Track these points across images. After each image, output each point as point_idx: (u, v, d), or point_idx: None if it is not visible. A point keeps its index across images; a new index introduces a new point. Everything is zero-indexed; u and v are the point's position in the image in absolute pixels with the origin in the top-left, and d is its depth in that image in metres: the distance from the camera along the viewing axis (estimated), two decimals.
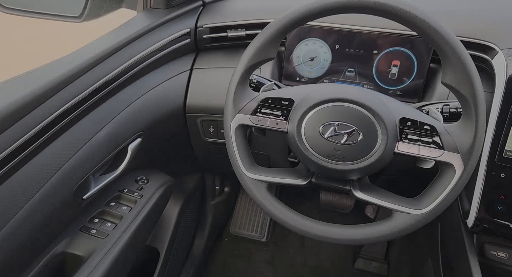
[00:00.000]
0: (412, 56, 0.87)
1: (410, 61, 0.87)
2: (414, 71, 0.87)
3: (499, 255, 0.85)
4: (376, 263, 1.48)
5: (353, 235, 0.65)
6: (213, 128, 0.96)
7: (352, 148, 0.63)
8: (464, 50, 0.58)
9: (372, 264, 1.48)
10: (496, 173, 0.74)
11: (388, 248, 1.51)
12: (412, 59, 0.87)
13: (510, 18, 0.82)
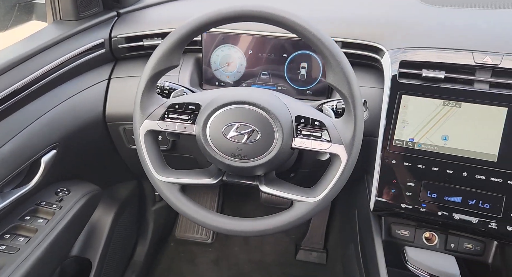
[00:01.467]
0: (318, 58, 0.94)
1: (316, 63, 0.95)
2: (320, 73, 0.95)
3: (403, 233, 0.95)
4: (316, 253, 1.56)
5: (261, 226, 0.70)
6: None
7: (252, 146, 0.68)
8: (341, 53, 0.65)
9: (312, 254, 1.56)
10: (388, 160, 0.84)
11: (327, 238, 1.60)
12: (317, 62, 0.95)
13: (396, 22, 0.92)
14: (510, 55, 0.78)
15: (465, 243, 0.91)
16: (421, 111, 0.81)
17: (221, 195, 1.71)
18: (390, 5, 0.98)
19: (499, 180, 0.77)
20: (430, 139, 0.81)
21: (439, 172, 0.81)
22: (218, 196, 1.70)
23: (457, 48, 0.82)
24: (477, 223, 0.78)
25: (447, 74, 0.80)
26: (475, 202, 0.79)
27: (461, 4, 0.95)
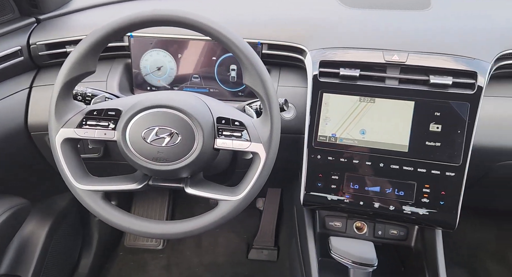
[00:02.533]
0: None
1: None
2: None
3: (336, 224, 1.00)
4: (267, 251, 1.59)
5: (187, 227, 0.71)
6: None
7: (173, 149, 0.69)
8: (255, 55, 0.68)
9: (263, 252, 1.59)
10: (314, 155, 0.88)
11: (277, 235, 1.64)
12: None
13: (318, 23, 0.96)
14: (415, 53, 0.85)
15: (391, 230, 0.98)
16: (340, 108, 0.86)
17: (171, 200, 1.70)
18: (313, 8, 1.03)
19: (411, 168, 0.83)
20: (350, 134, 0.86)
21: (359, 164, 0.86)
22: (168, 201, 1.69)
23: (370, 48, 0.88)
24: (393, 209, 0.84)
25: (361, 72, 0.85)
26: (391, 190, 0.85)
27: (375, 6, 1.01)
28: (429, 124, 0.82)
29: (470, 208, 1.56)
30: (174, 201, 1.72)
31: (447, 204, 0.82)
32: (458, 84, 0.81)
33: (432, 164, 0.82)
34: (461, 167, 0.81)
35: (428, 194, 0.82)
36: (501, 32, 0.89)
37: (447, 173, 0.81)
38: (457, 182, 0.81)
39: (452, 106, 0.81)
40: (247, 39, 0.95)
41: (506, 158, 0.88)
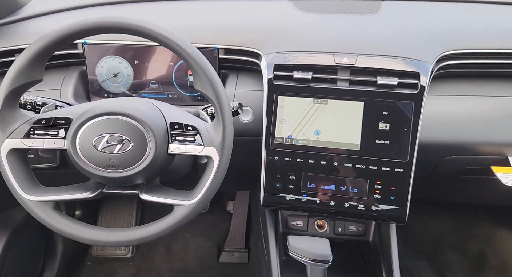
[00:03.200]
0: None
1: None
2: None
3: (297, 224, 1.02)
4: (238, 254, 1.60)
5: (141, 233, 0.71)
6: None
7: (125, 156, 0.69)
8: (204, 60, 0.69)
9: (234, 255, 1.60)
10: (272, 156, 0.90)
11: (248, 237, 1.65)
12: None
13: (273, 28, 0.99)
14: (363, 55, 0.88)
15: (350, 226, 1.01)
16: (295, 109, 0.89)
17: (139, 208, 1.68)
18: (270, 13, 1.05)
19: (363, 166, 0.87)
20: (305, 134, 0.89)
21: (315, 164, 0.88)
22: (137, 209, 1.67)
23: (321, 51, 0.91)
24: (348, 206, 0.88)
25: (314, 74, 0.88)
26: (346, 188, 0.88)
27: (328, 11, 1.05)
28: (378, 123, 0.86)
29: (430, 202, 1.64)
30: (143, 209, 1.70)
31: (397, 199, 0.86)
32: (403, 84, 0.85)
33: (382, 161, 0.86)
34: (409, 163, 0.85)
35: (380, 190, 0.86)
36: (442, 35, 0.94)
37: (396, 169, 0.85)
38: (405, 177, 0.85)
39: (398, 106, 0.85)
40: (204, 44, 0.97)
41: (452, 153, 0.93)
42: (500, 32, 0.95)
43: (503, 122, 0.91)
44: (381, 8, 1.05)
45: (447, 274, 1.48)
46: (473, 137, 0.91)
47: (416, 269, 1.48)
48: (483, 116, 0.92)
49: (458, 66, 0.93)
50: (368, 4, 1.09)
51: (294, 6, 1.06)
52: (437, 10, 1.06)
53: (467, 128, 0.91)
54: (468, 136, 0.91)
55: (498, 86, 0.95)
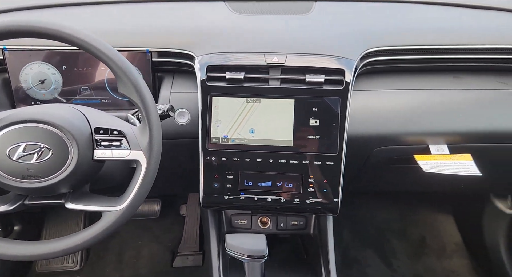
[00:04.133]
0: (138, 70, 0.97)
1: None
2: None
3: (241, 222, 1.04)
4: (192, 257, 1.59)
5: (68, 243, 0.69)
6: None
7: (44, 165, 0.66)
8: (126, 63, 0.68)
9: (188, 258, 1.59)
10: (209, 157, 0.91)
11: (202, 240, 1.64)
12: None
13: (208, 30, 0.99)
14: (292, 54, 0.91)
15: (291, 221, 1.04)
16: (229, 109, 0.90)
17: (87, 218, 1.62)
18: (205, 15, 1.06)
19: (296, 162, 0.90)
20: (241, 134, 0.91)
21: (251, 162, 0.90)
22: (84, 219, 1.61)
23: (253, 51, 0.93)
24: (284, 201, 0.90)
25: (246, 74, 0.90)
26: (282, 183, 0.90)
27: (263, 12, 1.07)
28: (309, 119, 0.89)
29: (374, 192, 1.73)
30: (91, 219, 1.64)
31: (329, 191, 0.90)
32: (329, 81, 0.89)
33: (314, 155, 0.89)
34: (339, 156, 0.89)
35: (313, 183, 0.90)
36: (367, 33, 1.00)
37: (327, 162, 0.89)
38: (336, 170, 0.89)
39: (326, 102, 0.89)
40: (136, 47, 0.96)
41: (380, 144, 0.99)
42: (418, 30, 1.02)
43: (424, 113, 0.98)
44: (312, 9, 1.09)
45: (393, 261, 1.56)
46: (398, 129, 0.97)
47: (364, 258, 1.56)
48: (406, 108, 0.98)
49: (382, 62, 0.98)
50: (300, 5, 1.13)
51: (229, 7, 1.08)
52: (364, 10, 1.12)
53: (392, 120, 0.97)
54: (393, 128, 0.97)
55: (420, 80, 1.02)
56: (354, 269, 1.51)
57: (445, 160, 0.95)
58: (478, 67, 1.00)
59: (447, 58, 0.98)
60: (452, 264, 1.53)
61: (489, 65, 1.00)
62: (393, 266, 1.53)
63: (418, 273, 1.50)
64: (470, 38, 0.99)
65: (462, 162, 0.94)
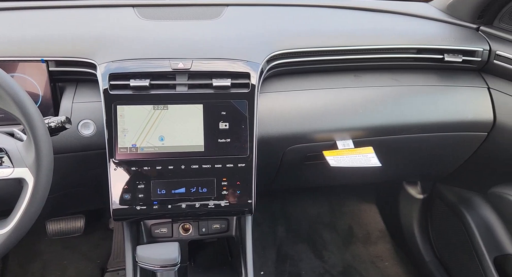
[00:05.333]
0: (32, 81, 0.91)
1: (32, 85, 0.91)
2: (40, 94, 0.92)
3: (162, 231, 1.02)
4: (123, 271, 1.53)
5: None
6: None
7: None
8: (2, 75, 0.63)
9: (119, 273, 1.52)
10: (117, 168, 0.88)
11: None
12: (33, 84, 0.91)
13: (113, 37, 0.96)
14: (198, 59, 0.92)
15: (213, 225, 1.04)
16: (136, 118, 0.88)
17: None
18: (109, 21, 1.03)
19: (209, 166, 0.90)
20: (150, 142, 0.89)
21: (163, 170, 0.89)
22: None
23: (158, 58, 0.92)
24: (199, 206, 0.90)
25: (152, 81, 0.88)
26: (195, 189, 0.90)
27: (171, 17, 1.06)
28: (218, 123, 0.90)
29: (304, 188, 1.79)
30: None
31: (242, 192, 0.91)
32: (236, 84, 0.91)
33: (226, 158, 0.91)
34: (250, 158, 0.91)
35: (227, 186, 0.91)
36: (273, 36, 1.03)
37: (239, 164, 0.91)
38: (248, 171, 0.91)
39: (234, 105, 0.91)
40: (29, 57, 0.90)
41: (292, 143, 1.03)
42: (322, 33, 1.08)
43: (330, 111, 1.03)
44: (222, 14, 1.10)
45: (324, 253, 1.63)
46: (307, 127, 1.02)
47: (297, 254, 1.61)
48: (314, 107, 1.03)
49: (289, 64, 1.02)
50: (212, 10, 1.14)
51: (137, 13, 1.06)
52: (273, 14, 1.16)
53: (301, 120, 1.02)
54: (302, 126, 1.02)
55: (325, 80, 1.07)
56: (288, 265, 1.56)
57: (350, 154, 1.01)
58: (375, 66, 1.09)
59: (348, 58, 1.05)
60: (377, 250, 1.64)
61: (384, 64, 1.08)
62: (324, 257, 1.60)
63: (347, 262, 1.59)
64: (368, 40, 1.07)
65: (365, 154, 1.02)
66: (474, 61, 1.05)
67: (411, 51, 1.07)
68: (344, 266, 1.57)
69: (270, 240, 1.64)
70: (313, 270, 1.53)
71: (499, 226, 1.15)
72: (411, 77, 1.08)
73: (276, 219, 1.74)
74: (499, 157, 1.07)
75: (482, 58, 1.04)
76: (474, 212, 1.22)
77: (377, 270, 1.54)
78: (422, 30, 1.13)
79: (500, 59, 1.01)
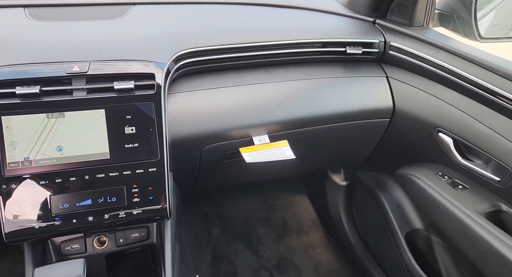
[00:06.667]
0: None
1: None
2: None
3: (73, 247, 0.94)
4: None
5: None
6: None
7: None
8: None
9: None
10: (8, 186, 0.79)
11: None
12: None
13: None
14: (96, 62, 0.86)
15: (132, 234, 0.99)
16: (27, 129, 0.80)
17: None
18: None
19: (116, 173, 0.85)
20: (46, 153, 0.81)
21: (64, 182, 0.82)
22: None
23: (50, 61, 0.84)
24: (109, 217, 0.85)
25: (43, 88, 0.81)
26: (103, 199, 0.85)
27: (66, 18, 0.99)
28: (124, 128, 0.86)
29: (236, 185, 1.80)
30: None
31: (156, 197, 0.88)
32: (140, 86, 0.87)
33: (135, 164, 0.86)
34: (161, 161, 0.88)
35: (138, 193, 0.86)
36: (180, 35, 1.00)
37: (150, 169, 0.87)
38: (160, 175, 0.88)
39: (140, 108, 0.87)
40: None
41: (209, 142, 1.01)
42: (230, 30, 1.07)
43: (244, 107, 1.04)
44: (126, 13, 1.05)
45: (259, 248, 1.65)
46: (222, 125, 1.01)
47: (232, 252, 1.61)
48: (227, 105, 1.02)
49: (198, 63, 1.01)
50: (114, 9, 1.07)
51: (27, 15, 0.96)
52: (180, 12, 1.13)
53: (216, 118, 1.00)
54: (217, 125, 1.00)
55: (237, 77, 1.07)
56: (224, 264, 1.55)
57: (265, 149, 1.03)
58: (286, 61, 1.11)
59: (258, 55, 1.06)
60: (310, 239, 1.70)
61: (294, 59, 1.11)
62: (260, 252, 1.62)
63: (282, 254, 1.62)
64: (277, 36, 1.08)
65: (280, 148, 1.04)
66: (373, 53, 1.12)
67: (317, 45, 1.11)
68: (278, 258, 1.60)
69: (205, 241, 1.62)
70: (248, 266, 1.54)
71: (407, 204, 1.24)
72: (318, 70, 1.12)
73: (209, 220, 1.72)
74: (401, 140, 1.15)
75: (379, 50, 1.12)
76: (387, 193, 1.31)
77: (310, 258, 1.60)
78: (326, 25, 1.19)
79: (394, 50, 1.10)
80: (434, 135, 1.03)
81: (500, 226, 0.88)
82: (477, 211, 0.90)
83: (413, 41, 1.06)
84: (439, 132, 1.02)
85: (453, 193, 0.97)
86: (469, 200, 0.94)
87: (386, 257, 1.35)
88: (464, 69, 0.93)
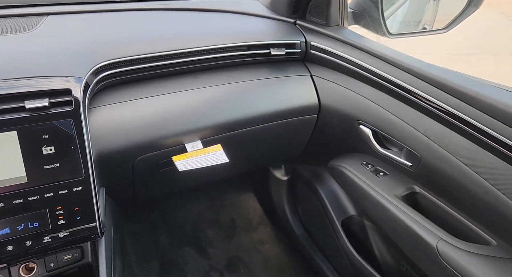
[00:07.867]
0: None
1: None
2: None
3: None
4: None
5: None
6: None
7: None
8: None
9: None
10: None
11: None
12: None
13: None
14: (2, 81, 0.80)
15: (64, 256, 0.95)
16: None
17: None
18: None
19: (37, 197, 0.81)
20: None
21: None
22: None
23: None
24: (32, 244, 0.81)
25: None
26: (23, 226, 0.80)
27: None
28: (41, 148, 0.81)
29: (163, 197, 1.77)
30: None
31: (84, 217, 0.85)
32: (57, 103, 0.83)
33: (57, 185, 0.82)
34: (86, 179, 0.85)
35: (63, 215, 0.83)
36: (97, 47, 0.97)
37: (75, 188, 0.84)
38: (87, 194, 0.85)
39: (58, 126, 0.83)
40: None
41: (140, 153, 0.99)
42: (150, 38, 1.05)
43: (173, 115, 1.03)
44: (38, 25, 0.99)
45: (209, 249, 1.66)
46: (152, 135, 0.99)
47: (182, 258, 1.60)
48: (156, 114, 1.01)
49: (121, 74, 0.98)
50: (24, 21, 1.01)
51: None
52: (98, 22, 1.09)
53: (145, 128, 0.99)
54: (147, 135, 0.99)
55: (165, 85, 1.06)
56: (173, 271, 1.54)
57: (199, 155, 1.03)
58: (213, 66, 1.12)
59: (183, 61, 1.06)
60: (259, 235, 1.74)
61: (220, 63, 1.12)
62: (210, 254, 1.63)
63: (232, 253, 1.64)
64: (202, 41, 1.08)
65: (214, 153, 1.05)
66: (295, 53, 1.16)
67: (242, 49, 1.13)
68: (228, 258, 1.62)
69: (153, 250, 1.59)
70: (198, 270, 1.54)
71: (341, 193, 1.32)
72: (245, 73, 1.14)
73: (157, 228, 1.69)
74: (330, 134, 1.22)
75: (302, 49, 1.16)
76: (323, 184, 1.38)
77: (259, 254, 1.63)
78: (251, 28, 1.21)
79: (315, 49, 1.15)
80: (356, 128, 1.10)
81: (414, 206, 0.97)
82: (395, 195, 0.99)
83: (330, 40, 1.12)
84: (360, 125, 1.09)
85: (375, 180, 1.05)
86: (388, 185, 1.02)
87: (327, 244, 1.42)
88: (374, 65, 1.00)
